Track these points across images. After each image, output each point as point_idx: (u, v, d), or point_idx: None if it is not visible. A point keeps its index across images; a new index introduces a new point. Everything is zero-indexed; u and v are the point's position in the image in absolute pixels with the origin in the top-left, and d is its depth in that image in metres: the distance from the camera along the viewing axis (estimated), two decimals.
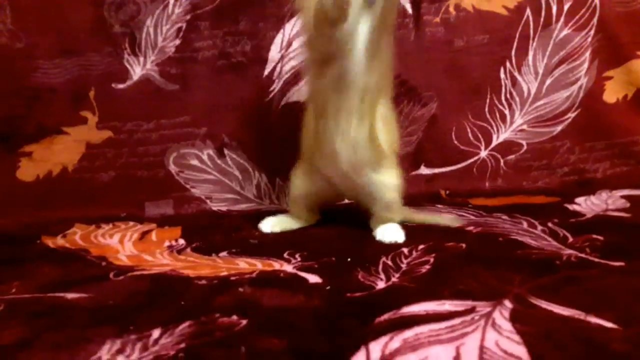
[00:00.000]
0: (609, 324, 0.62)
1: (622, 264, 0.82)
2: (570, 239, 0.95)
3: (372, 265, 0.85)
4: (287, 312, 0.70)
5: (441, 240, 0.98)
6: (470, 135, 1.42)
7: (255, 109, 1.36)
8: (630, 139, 1.43)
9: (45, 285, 0.82)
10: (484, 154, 1.42)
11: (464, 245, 0.94)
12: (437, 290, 0.73)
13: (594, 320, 0.64)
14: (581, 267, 0.82)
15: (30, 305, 0.75)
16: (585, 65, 1.42)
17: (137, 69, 1.32)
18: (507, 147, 1.43)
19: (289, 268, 0.87)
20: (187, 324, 0.66)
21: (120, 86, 1.31)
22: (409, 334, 0.62)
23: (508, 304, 0.69)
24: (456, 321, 0.64)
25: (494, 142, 1.42)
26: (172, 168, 1.33)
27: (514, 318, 0.65)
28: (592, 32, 1.42)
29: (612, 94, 1.43)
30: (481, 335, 0.61)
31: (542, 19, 1.41)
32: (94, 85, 1.29)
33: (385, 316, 0.66)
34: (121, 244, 1.04)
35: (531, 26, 1.41)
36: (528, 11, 1.40)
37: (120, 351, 0.61)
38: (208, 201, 1.33)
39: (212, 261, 0.92)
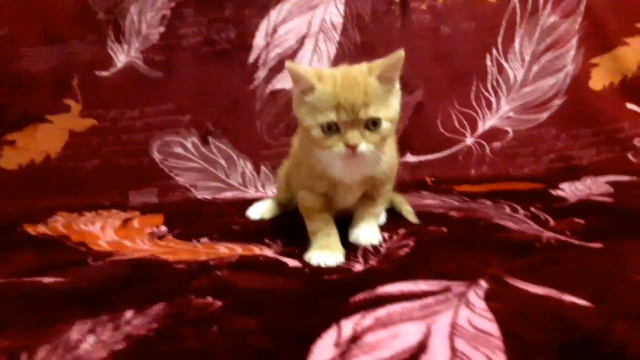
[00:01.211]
0: (582, 302, 0.62)
1: (600, 245, 0.82)
2: (552, 223, 0.95)
3: (351, 250, 0.84)
4: (263, 293, 0.70)
5: (423, 224, 0.97)
6: (456, 122, 1.41)
7: (240, 96, 1.35)
8: (616, 126, 1.43)
9: (23, 270, 0.81)
10: (469, 141, 1.42)
11: (444, 229, 0.94)
12: (414, 271, 0.73)
13: (568, 298, 0.64)
14: (560, 249, 0.82)
15: (5, 290, 0.74)
16: (572, 52, 1.42)
17: (121, 57, 1.31)
18: (493, 134, 1.42)
19: (269, 253, 0.86)
20: (161, 305, 0.66)
21: (104, 74, 1.30)
22: (381, 312, 0.62)
23: (483, 283, 0.68)
24: (430, 300, 0.64)
25: (480, 129, 1.42)
26: (156, 156, 1.32)
27: (488, 297, 0.65)
28: (579, 19, 1.41)
29: (598, 81, 1.43)
30: (453, 313, 0.61)
31: (529, 6, 1.41)
32: (77, 73, 1.29)
33: (360, 296, 0.66)
34: (102, 230, 1.03)
35: (518, 13, 1.41)
36: None
37: (91, 331, 0.60)
38: (192, 189, 1.33)
39: (192, 247, 0.92)
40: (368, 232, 0.89)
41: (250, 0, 1.34)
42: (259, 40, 1.35)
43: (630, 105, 1.43)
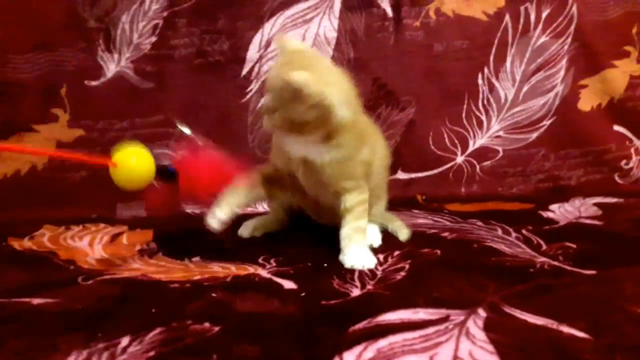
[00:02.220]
0: (581, 334, 0.63)
1: (593, 272, 0.83)
2: (544, 247, 0.96)
3: (347, 272, 0.84)
4: (261, 318, 0.69)
5: (416, 246, 0.97)
6: (447, 140, 1.42)
7: (232, 109, 1.34)
8: (603, 147, 1.45)
9: (10, 289, 0.79)
10: (460, 159, 1.43)
11: (438, 251, 0.94)
12: (412, 298, 0.73)
13: (566, 329, 0.64)
14: (554, 275, 0.83)
15: None
16: (562, 72, 1.44)
17: (111, 66, 1.28)
18: (483, 153, 1.43)
19: (263, 273, 0.86)
20: (157, 330, 0.65)
21: (94, 83, 1.28)
22: (383, 343, 0.61)
23: (482, 312, 0.69)
24: (430, 330, 0.64)
25: (471, 148, 1.43)
26: None
27: (487, 327, 0.65)
28: (569, 40, 1.43)
29: (587, 102, 1.45)
30: (455, 345, 0.61)
31: (520, 26, 1.42)
32: (66, 81, 1.26)
33: (360, 325, 0.65)
34: (91, 246, 1.01)
35: (510, 32, 1.42)
36: (507, 17, 1.41)
37: None
38: (182, 203, 1.30)
39: (185, 266, 0.90)
40: (360, 256, 0.89)
41: (244, 12, 1.33)
42: (252, 53, 1.34)
43: (617, 127, 1.46)
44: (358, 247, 0.90)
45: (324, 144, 0.87)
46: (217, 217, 0.90)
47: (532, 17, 1.42)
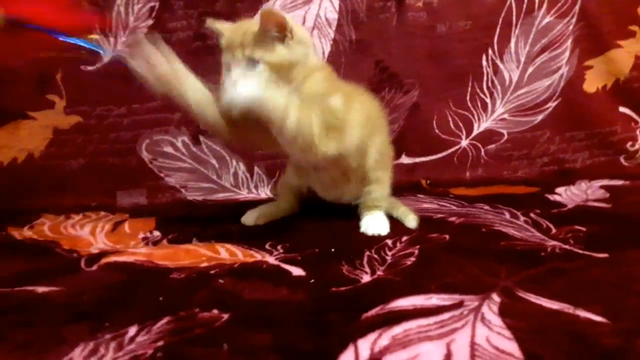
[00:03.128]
0: (598, 318, 0.62)
1: (605, 255, 0.81)
2: (553, 230, 0.94)
3: (356, 258, 0.83)
4: (270, 305, 0.68)
5: (424, 231, 0.96)
6: (451, 124, 1.40)
7: None
8: (609, 129, 1.44)
9: (12, 278, 0.77)
10: (464, 143, 1.41)
11: (447, 236, 0.93)
12: (424, 283, 0.72)
13: (582, 314, 0.63)
14: (566, 258, 0.81)
15: None
16: (567, 53, 1.42)
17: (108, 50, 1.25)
18: (488, 136, 1.42)
19: (271, 260, 0.84)
20: (165, 320, 0.63)
21: (90, 68, 1.25)
22: (397, 330, 0.60)
23: (496, 297, 0.67)
24: (445, 316, 0.63)
25: (475, 131, 1.41)
26: (145, 155, 1.28)
27: (503, 312, 0.63)
28: (574, 20, 1.41)
29: (592, 83, 1.43)
30: (471, 331, 0.59)
31: (524, 6, 1.40)
32: (61, 67, 1.23)
33: (372, 312, 0.64)
34: (93, 235, 0.99)
35: (514, 13, 1.40)
36: None
37: (93, 352, 0.57)
38: (183, 190, 1.29)
39: (190, 252, 0.88)
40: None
41: None
42: None
43: (622, 109, 1.44)
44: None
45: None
46: (251, 219, 1.04)
47: None
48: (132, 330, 0.61)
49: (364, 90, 1.03)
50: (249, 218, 1.06)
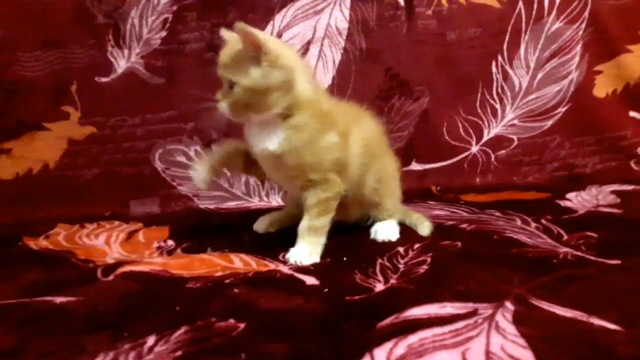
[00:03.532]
0: (612, 326, 0.62)
1: (618, 261, 0.82)
2: (565, 237, 0.95)
3: (369, 267, 0.83)
4: (285, 315, 0.69)
5: (436, 238, 0.97)
6: (461, 130, 1.41)
7: None
8: (619, 133, 1.44)
9: (30, 288, 0.78)
10: (475, 149, 1.42)
11: (459, 243, 0.93)
12: (437, 292, 0.72)
13: (596, 321, 0.63)
14: (578, 265, 0.81)
15: (17, 311, 0.71)
16: (576, 59, 1.42)
17: (122, 62, 1.27)
18: (498, 142, 1.42)
19: (284, 269, 0.85)
20: (183, 329, 0.64)
21: (104, 80, 1.27)
22: (413, 339, 0.60)
23: (510, 305, 0.68)
24: (459, 325, 0.63)
25: (485, 137, 1.42)
26: (158, 165, 1.29)
27: (517, 320, 0.64)
28: (584, 25, 1.41)
29: (602, 88, 1.44)
30: (486, 340, 0.60)
31: (534, 12, 1.40)
32: (76, 78, 1.25)
33: (387, 320, 0.65)
34: (107, 245, 1.01)
35: (523, 19, 1.40)
36: (520, 4, 1.40)
37: None
38: (195, 199, 1.30)
39: (205, 261, 0.89)
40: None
41: (255, 4, 1.31)
42: None
43: (632, 113, 1.44)
44: (303, 245, 0.89)
45: (283, 123, 0.86)
46: (200, 178, 0.94)
47: (546, 2, 1.40)
48: (151, 340, 0.62)
49: (363, 112, 1.01)
50: (261, 225, 1.07)
